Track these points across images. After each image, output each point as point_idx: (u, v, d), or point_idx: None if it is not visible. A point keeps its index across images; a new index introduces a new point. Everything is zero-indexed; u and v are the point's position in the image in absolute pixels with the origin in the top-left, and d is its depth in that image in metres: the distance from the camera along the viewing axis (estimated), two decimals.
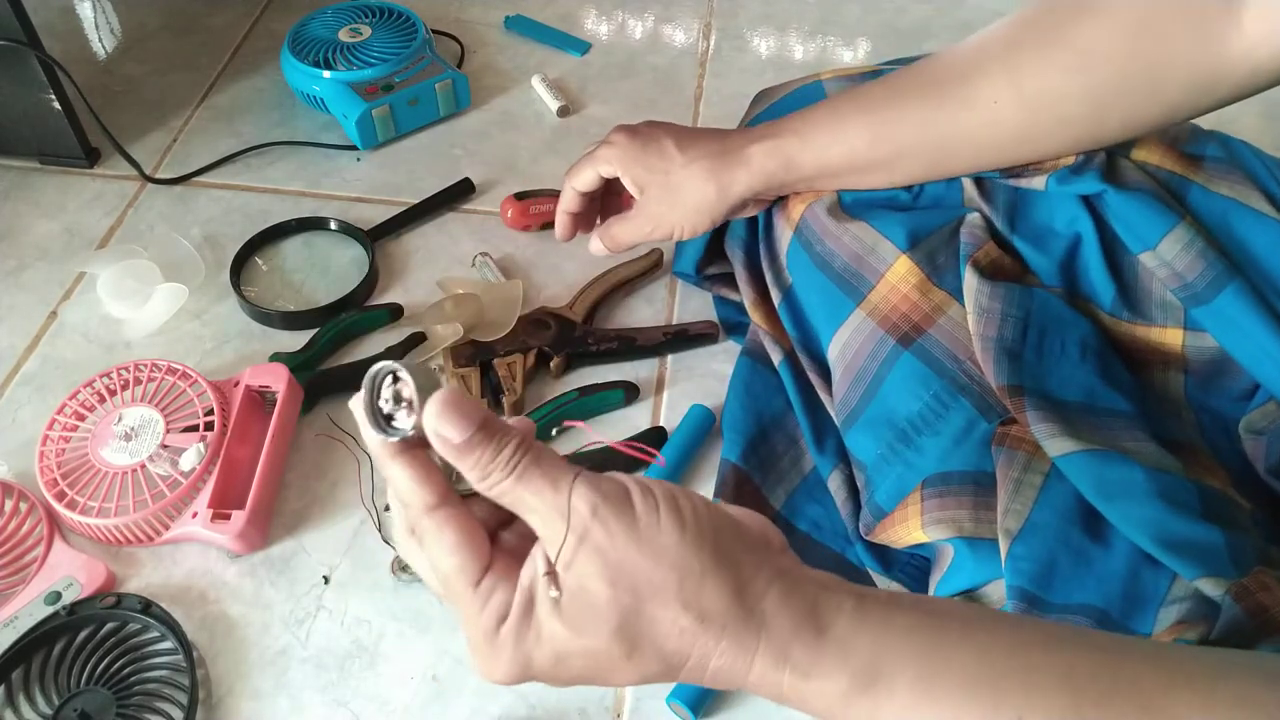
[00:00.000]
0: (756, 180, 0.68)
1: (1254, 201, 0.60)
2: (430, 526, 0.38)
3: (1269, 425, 0.59)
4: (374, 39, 1.05)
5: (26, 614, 0.66)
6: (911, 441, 0.61)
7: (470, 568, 0.37)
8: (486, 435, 0.36)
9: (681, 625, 0.36)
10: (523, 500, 0.37)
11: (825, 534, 0.70)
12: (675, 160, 0.68)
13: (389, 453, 0.38)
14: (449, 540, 0.37)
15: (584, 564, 0.36)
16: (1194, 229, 0.60)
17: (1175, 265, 0.60)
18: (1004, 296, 0.62)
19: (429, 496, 0.38)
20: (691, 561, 0.36)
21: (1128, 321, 0.63)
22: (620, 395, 0.79)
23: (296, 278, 0.90)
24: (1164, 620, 0.51)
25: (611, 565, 0.36)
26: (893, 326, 0.64)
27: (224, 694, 0.65)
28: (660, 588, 0.36)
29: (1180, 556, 0.51)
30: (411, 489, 0.38)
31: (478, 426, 0.36)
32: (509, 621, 0.37)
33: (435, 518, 0.38)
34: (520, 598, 0.37)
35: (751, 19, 1.22)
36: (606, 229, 0.75)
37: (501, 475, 0.37)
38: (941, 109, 0.62)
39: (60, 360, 0.84)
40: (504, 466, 0.36)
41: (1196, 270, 0.59)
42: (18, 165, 1.00)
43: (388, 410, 0.39)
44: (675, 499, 0.37)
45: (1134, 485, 0.54)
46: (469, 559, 0.37)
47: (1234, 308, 0.58)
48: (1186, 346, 0.62)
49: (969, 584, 0.56)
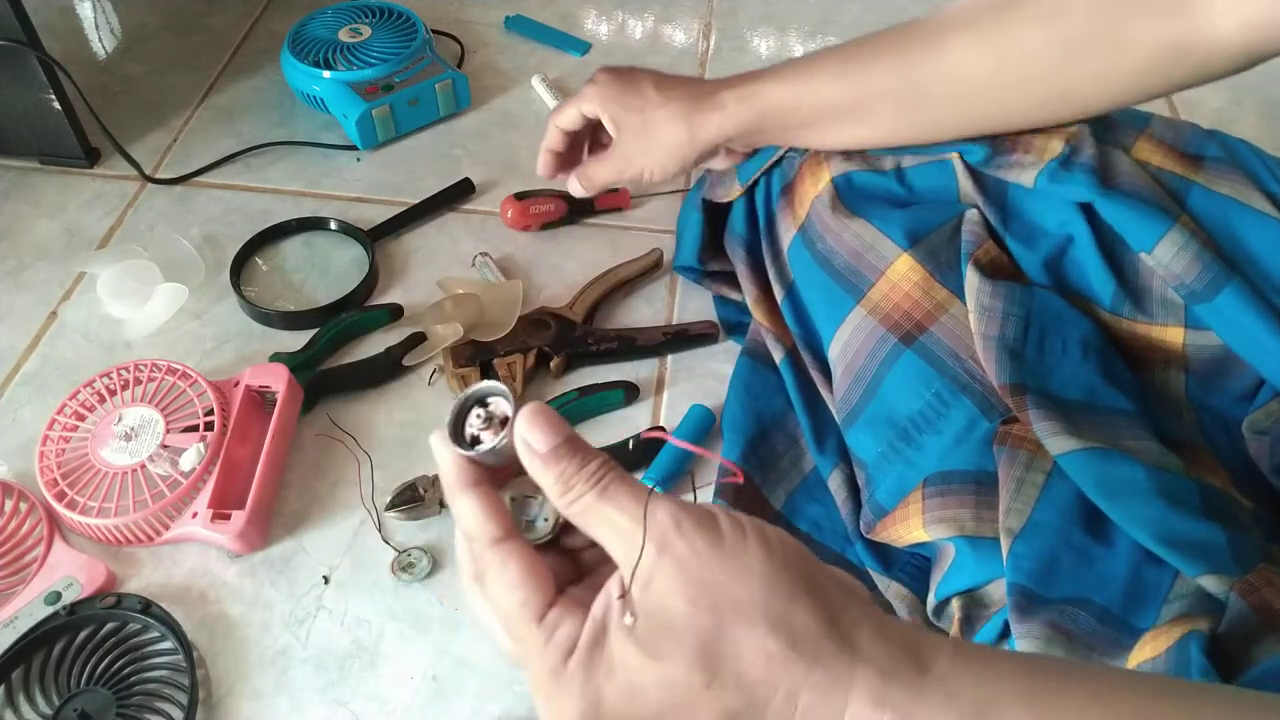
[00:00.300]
0: (729, 124, 0.69)
1: (1254, 201, 0.60)
2: (494, 560, 0.36)
3: (1273, 424, 0.59)
4: (374, 39, 1.05)
5: (26, 614, 0.66)
6: (913, 440, 0.61)
7: (534, 601, 0.35)
8: (572, 448, 0.36)
9: (769, 650, 0.32)
10: (605, 516, 0.35)
11: (825, 534, 0.70)
12: (651, 100, 0.70)
13: (462, 483, 0.37)
14: (513, 573, 0.36)
15: (662, 580, 0.33)
16: (1189, 231, 0.60)
17: (1172, 268, 0.60)
18: (1005, 295, 0.62)
19: (494, 530, 0.37)
20: (781, 582, 0.33)
21: (1128, 319, 0.63)
22: (620, 395, 0.79)
23: (296, 278, 0.90)
24: (1165, 618, 0.51)
25: (693, 581, 0.33)
26: (894, 325, 0.64)
27: (224, 694, 0.65)
28: (746, 607, 0.33)
29: (1182, 554, 0.51)
30: (478, 521, 0.37)
31: (564, 439, 0.36)
32: (577, 654, 0.34)
33: (499, 550, 0.36)
34: (590, 628, 0.34)
35: (751, 19, 1.22)
36: (583, 169, 0.76)
37: (585, 488, 0.35)
38: (911, 54, 0.64)
39: (60, 360, 0.84)
40: (588, 479, 0.35)
41: (1193, 273, 0.59)
42: (18, 165, 1.00)
43: (474, 433, 0.39)
44: (763, 528, 0.35)
45: (1135, 484, 0.54)
46: (532, 593, 0.35)
47: (1233, 307, 0.58)
48: (1188, 345, 0.62)
49: (970, 583, 0.56)
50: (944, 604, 0.58)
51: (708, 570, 0.33)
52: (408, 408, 0.80)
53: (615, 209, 0.96)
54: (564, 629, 0.35)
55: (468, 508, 0.37)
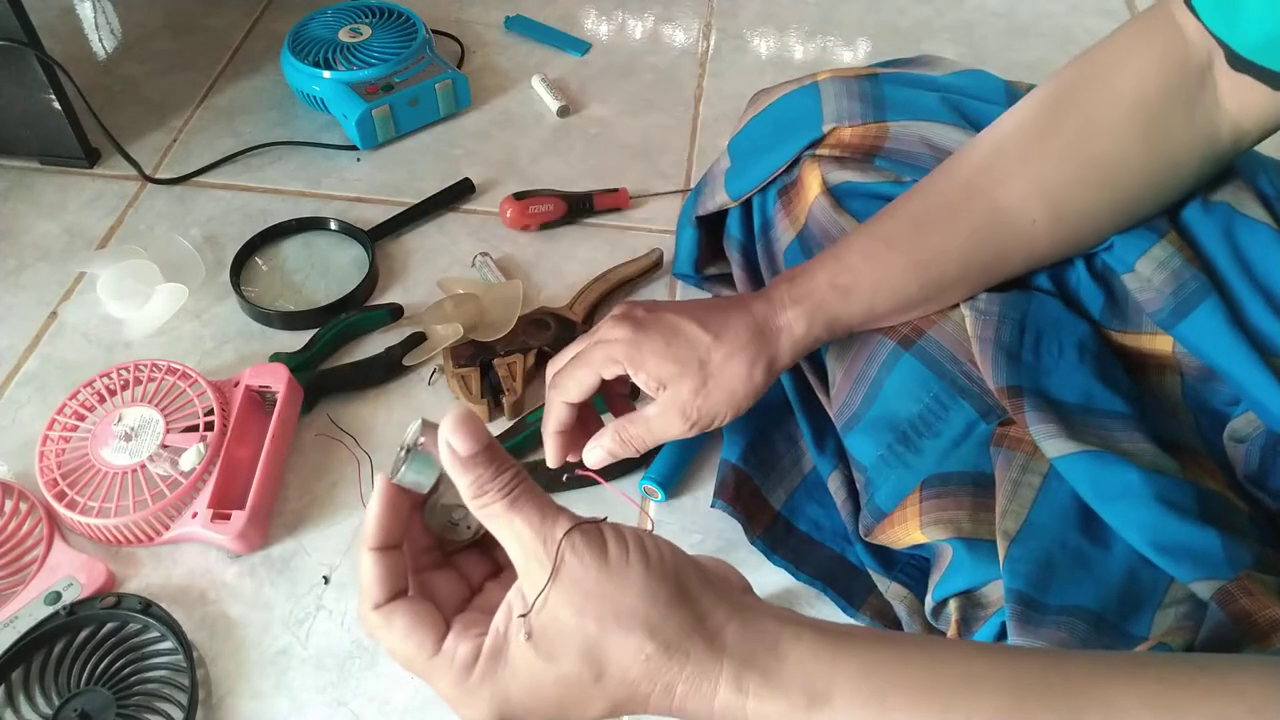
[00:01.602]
0: (800, 348, 0.60)
1: (1248, 207, 0.60)
2: (379, 621, 0.41)
3: (1250, 433, 0.59)
4: (374, 39, 1.05)
5: (26, 614, 0.66)
6: (912, 444, 0.61)
7: (427, 641, 0.40)
8: (490, 457, 0.40)
9: (647, 652, 0.38)
10: (510, 525, 0.39)
11: (825, 534, 0.70)
12: (705, 346, 0.58)
13: (367, 542, 0.42)
14: (399, 626, 0.40)
15: (555, 594, 0.38)
16: (1173, 246, 0.60)
17: (1153, 282, 0.60)
18: (1001, 299, 0.62)
19: (378, 595, 0.41)
20: (657, 592, 0.39)
21: (1117, 332, 0.63)
22: None
23: (296, 278, 0.90)
24: (1160, 623, 0.51)
25: (580, 594, 0.38)
26: (892, 329, 0.64)
27: (224, 694, 0.65)
28: (626, 616, 0.38)
29: (1175, 559, 0.51)
30: (367, 583, 0.41)
31: (484, 447, 0.40)
32: (479, 665, 0.39)
33: (382, 611, 0.41)
34: (492, 639, 0.39)
35: (751, 19, 1.22)
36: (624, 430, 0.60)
37: (495, 496, 0.39)
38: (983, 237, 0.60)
39: (60, 360, 0.84)
40: (500, 488, 0.39)
41: (1170, 288, 0.59)
42: (18, 165, 1.00)
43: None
44: (643, 540, 0.40)
45: (1131, 487, 0.54)
46: (424, 635, 0.40)
47: (1206, 326, 0.58)
48: (1177, 352, 0.62)
49: (967, 584, 0.56)
50: (942, 605, 0.58)
51: (594, 584, 0.38)
52: (408, 408, 0.80)
53: (615, 209, 0.96)
54: (462, 650, 0.40)
55: (363, 567, 0.42)
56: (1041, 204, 0.59)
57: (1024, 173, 0.59)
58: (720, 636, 0.39)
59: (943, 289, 0.62)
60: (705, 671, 0.38)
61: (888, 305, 0.61)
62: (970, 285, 0.62)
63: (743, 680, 0.38)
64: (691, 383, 0.58)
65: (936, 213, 0.61)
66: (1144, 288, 0.61)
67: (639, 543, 0.40)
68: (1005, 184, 0.59)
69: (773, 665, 0.39)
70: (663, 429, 0.59)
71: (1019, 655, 0.40)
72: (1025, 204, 0.59)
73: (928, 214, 0.61)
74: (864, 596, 0.67)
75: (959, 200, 0.60)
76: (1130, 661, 0.40)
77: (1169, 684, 0.38)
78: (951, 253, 0.60)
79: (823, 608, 0.68)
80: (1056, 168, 0.59)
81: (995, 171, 0.60)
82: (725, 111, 1.07)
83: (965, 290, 0.62)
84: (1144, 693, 0.37)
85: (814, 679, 0.38)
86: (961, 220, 0.60)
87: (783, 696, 0.38)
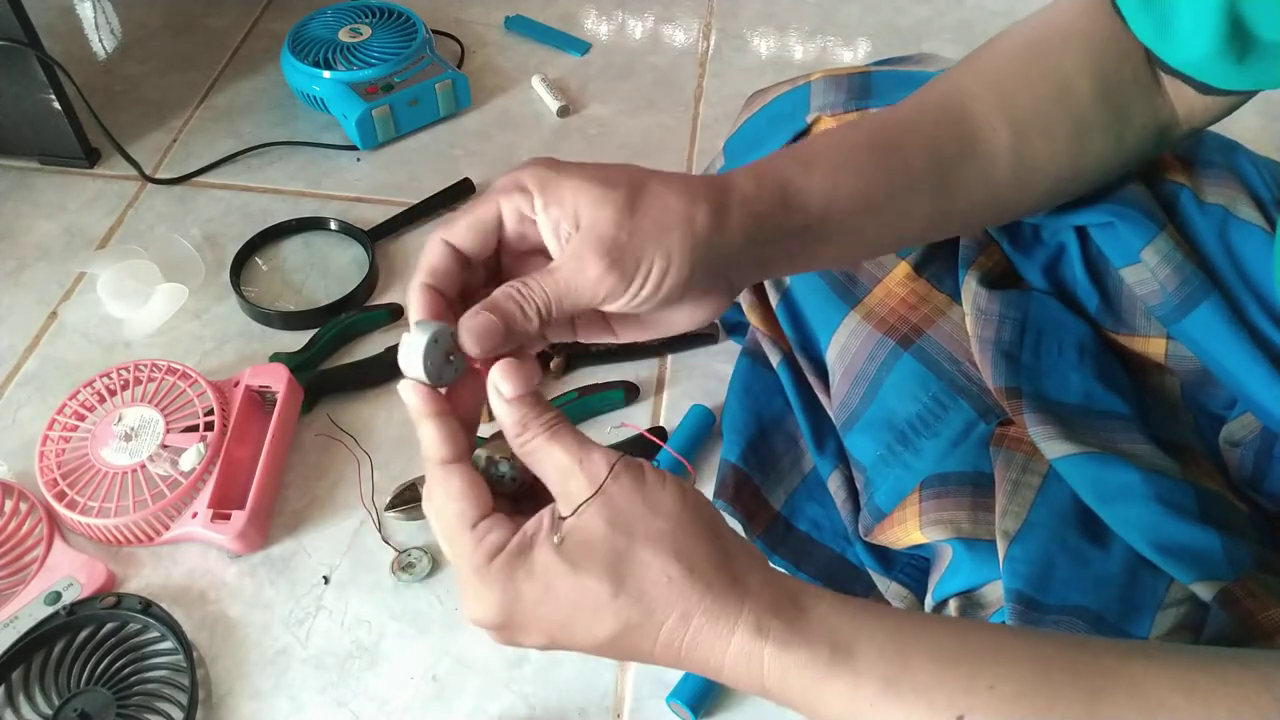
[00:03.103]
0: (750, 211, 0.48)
1: (1241, 209, 0.60)
2: (441, 475, 0.41)
3: (1246, 436, 0.59)
4: (374, 39, 1.05)
5: (26, 614, 0.66)
6: (910, 443, 0.61)
7: (470, 512, 0.40)
8: (535, 399, 0.41)
9: (671, 574, 0.38)
10: (550, 454, 0.40)
11: (825, 534, 0.70)
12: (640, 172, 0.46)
13: (424, 412, 0.42)
14: (455, 486, 0.41)
15: (590, 507, 0.39)
16: (1173, 241, 0.60)
17: (1157, 275, 0.60)
18: (1002, 299, 0.62)
19: (445, 451, 0.41)
20: (688, 523, 0.39)
21: (1111, 331, 0.63)
22: (620, 395, 0.79)
23: (296, 278, 0.90)
24: (1161, 624, 0.51)
25: (614, 509, 0.39)
26: (891, 329, 0.64)
27: (224, 694, 0.65)
28: (655, 536, 0.38)
29: (1176, 560, 0.51)
30: (432, 443, 0.41)
31: (529, 390, 0.41)
32: (502, 555, 0.39)
33: (446, 468, 0.41)
34: (519, 539, 0.40)
35: (751, 19, 1.22)
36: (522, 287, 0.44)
37: (538, 429, 0.40)
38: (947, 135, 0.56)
39: (60, 360, 0.84)
40: (542, 425, 0.41)
41: (1174, 284, 0.59)
42: (18, 165, 1.00)
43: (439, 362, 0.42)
44: (682, 483, 0.41)
45: (1131, 488, 0.54)
46: (469, 505, 0.40)
47: (1208, 324, 0.58)
48: (1169, 356, 0.62)
49: (967, 585, 0.56)
50: (942, 605, 0.58)
51: (628, 503, 0.39)
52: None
53: None
54: (493, 535, 0.40)
55: (426, 432, 0.42)
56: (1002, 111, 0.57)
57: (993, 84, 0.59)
58: (745, 580, 0.39)
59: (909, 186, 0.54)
60: (725, 608, 0.38)
61: (851, 190, 0.51)
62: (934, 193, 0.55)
63: (764, 625, 0.38)
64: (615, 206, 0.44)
65: (903, 109, 0.57)
66: (1147, 281, 0.60)
67: (677, 482, 0.40)
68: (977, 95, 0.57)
69: (796, 616, 0.38)
70: (571, 277, 0.43)
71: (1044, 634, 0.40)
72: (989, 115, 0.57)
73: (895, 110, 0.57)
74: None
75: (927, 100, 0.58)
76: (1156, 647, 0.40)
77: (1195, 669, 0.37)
78: (917, 145, 0.54)
79: None
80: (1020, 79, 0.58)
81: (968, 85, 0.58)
82: (725, 111, 1.07)
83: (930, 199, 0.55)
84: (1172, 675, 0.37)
85: (838, 632, 0.38)
86: (928, 115, 0.56)
87: (804, 646, 0.38)
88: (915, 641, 0.38)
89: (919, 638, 0.38)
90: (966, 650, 0.38)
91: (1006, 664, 0.38)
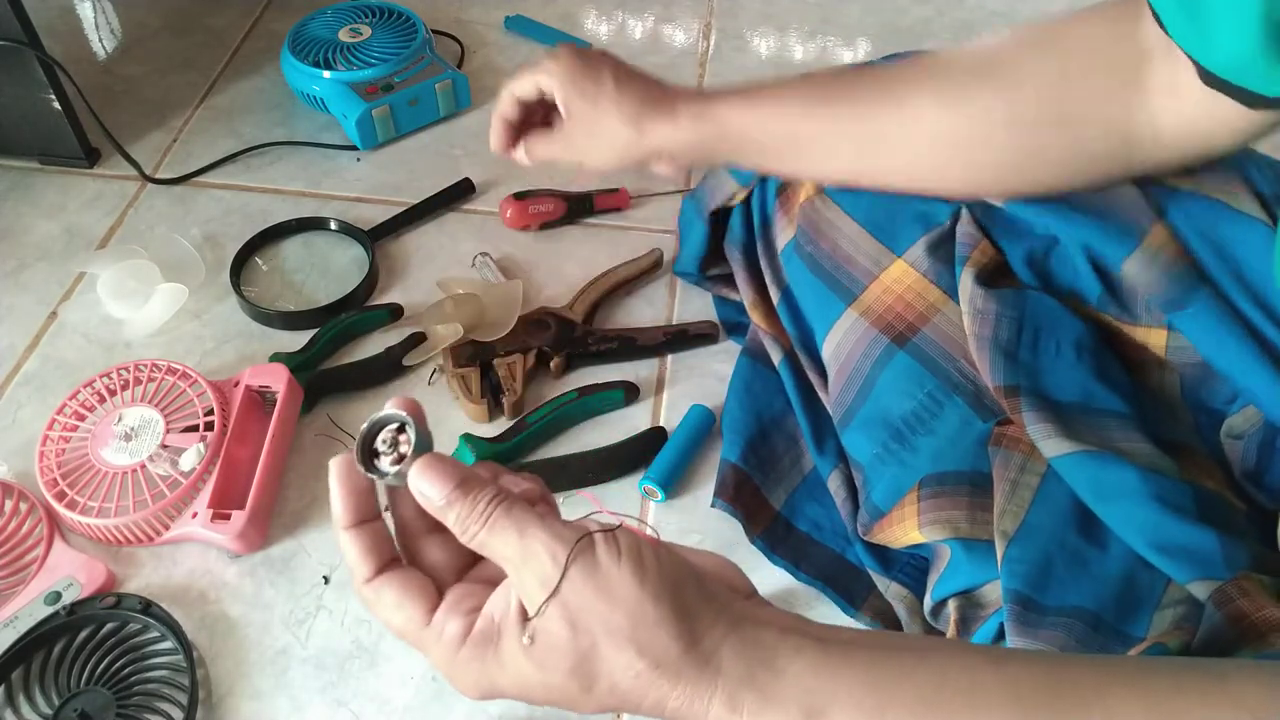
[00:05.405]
0: (679, 137, 0.66)
1: (1243, 203, 0.60)
2: (369, 595, 0.41)
3: (1248, 429, 0.59)
4: (374, 39, 1.05)
5: (26, 614, 0.66)
6: (906, 441, 0.61)
7: (417, 614, 0.40)
8: (463, 493, 0.39)
9: (637, 669, 0.38)
10: (494, 550, 0.39)
11: (825, 534, 0.70)
12: (607, 92, 0.66)
13: (342, 523, 0.42)
14: (389, 599, 0.41)
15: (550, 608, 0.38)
16: (1153, 249, 0.59)
17: (1139, 282, 0.60)
18: (999, 297, 0.62)
19: (366, 570, 0.41)
20: (647, 610, 0.38)
21: (1114, 318, 0.63)
22: (620, 395, 0.79)
23: (296, 278, 0.90)
24: (1158, 624, 0.51)
25: (570, 609, 0.38)
26: (886, 326, 0.64)
27: (224, 694, 0.65)
28: (615, 631, 0.38)
29: (1173, 560, 0.51)
30: (354, 561, 0.41)
31: (455, 485, 0.39)
32: (468, 644, 0.39)
33: (374, 585, 0.41)
34: (483, 624, 0.40)
35: (751, 19, 1.22)
36: (529, 139, 0.74)
37: (477, 528, 0.39)
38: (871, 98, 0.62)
39: (60, 360, 0.84)
40: (478, 519, 0.39)
41: (1160, 288, 0.59)
42: (18, 165, 1.00)
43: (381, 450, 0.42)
44: (638, 549, 0.39)
45: (1129, 487, 0.54)
46: (414, 608, 0.40)
47: (1203, 316, 0.58)
48: (1169, 348, 0.61)
49: (966, 584, 0.56)
50: (941, 605, 0.58)
51: (583, 601, 0.38)
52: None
53: (615, 209, 0.96)
54: (451, 627, 0.40)
55: (346, 546, 0.42)
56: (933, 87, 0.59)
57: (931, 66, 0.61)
58: (715, 657, 0.38)
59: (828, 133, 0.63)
60: (698, 692, 0.38)
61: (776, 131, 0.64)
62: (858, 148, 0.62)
63: (737, 700, 0.38)
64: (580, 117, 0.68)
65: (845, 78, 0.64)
66: (1137, 280, 0.60)
67: (633, 552, 0.39)
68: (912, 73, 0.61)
69: (770, 682, 0.38)
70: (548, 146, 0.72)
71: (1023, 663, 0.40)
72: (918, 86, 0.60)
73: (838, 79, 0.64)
74: (864, 596, 0.67)
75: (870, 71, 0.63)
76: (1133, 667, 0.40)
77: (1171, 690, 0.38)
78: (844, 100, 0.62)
79: (822, 608, 0.68)
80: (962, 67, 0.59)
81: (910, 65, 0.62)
82: None
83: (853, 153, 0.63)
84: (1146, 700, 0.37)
85: (812, 695, 0.38)
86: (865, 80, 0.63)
87: (779, 713, 0.38)
88: (894, 690, 0.38)
89: (899, 685, 0.38)
90: (944, 695, 0.38)
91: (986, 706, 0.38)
